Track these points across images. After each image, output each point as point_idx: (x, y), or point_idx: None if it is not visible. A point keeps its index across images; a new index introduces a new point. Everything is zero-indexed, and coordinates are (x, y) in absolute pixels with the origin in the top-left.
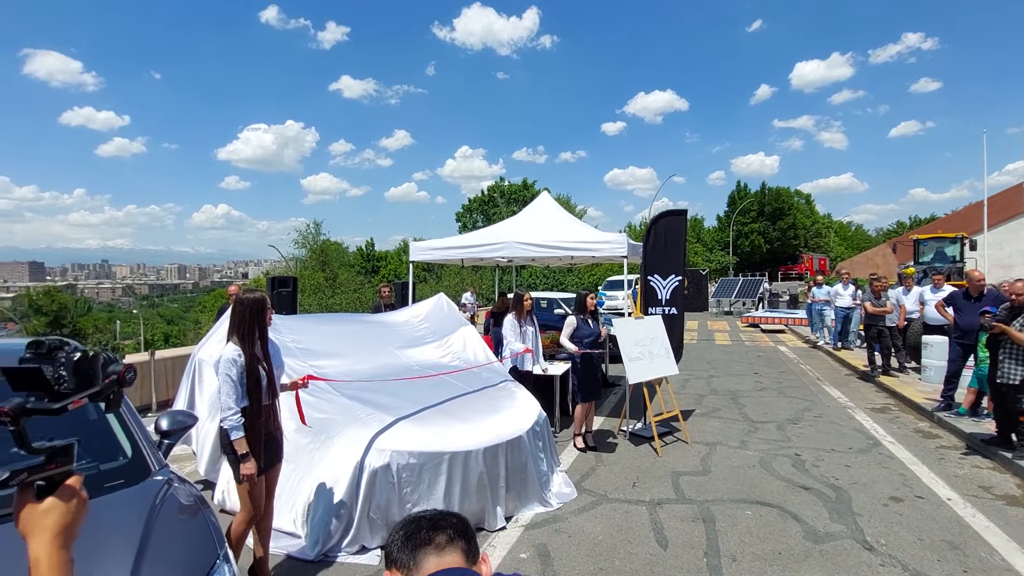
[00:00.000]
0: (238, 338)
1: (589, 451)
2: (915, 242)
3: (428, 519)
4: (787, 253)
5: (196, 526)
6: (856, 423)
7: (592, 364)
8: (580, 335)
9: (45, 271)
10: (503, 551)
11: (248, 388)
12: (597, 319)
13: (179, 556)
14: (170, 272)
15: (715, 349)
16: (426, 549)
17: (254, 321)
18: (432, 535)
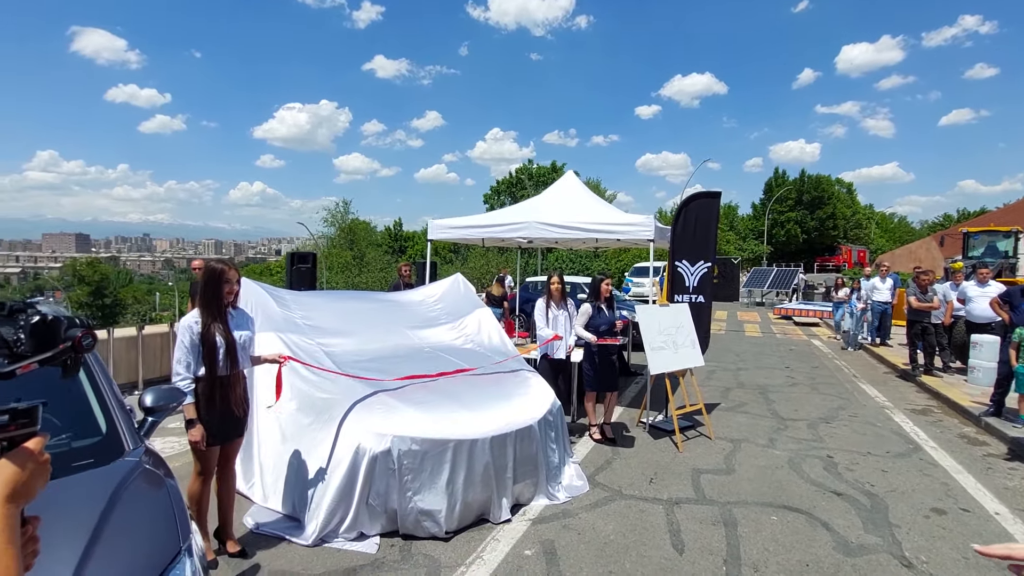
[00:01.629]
0: (200, 305)
1: (606, 443)
2: (965, 235)
3: None
4: (824, 244)
5: (161, 513)
6: (895, 425)
7: (609, 355)
8: (595, 323)
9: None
10: (507, 546)
11: (204, 355)
12: (613, 307)
13: (136, 546)
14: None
15: (744, 341)
16: None
17: (216, 289)
18: None
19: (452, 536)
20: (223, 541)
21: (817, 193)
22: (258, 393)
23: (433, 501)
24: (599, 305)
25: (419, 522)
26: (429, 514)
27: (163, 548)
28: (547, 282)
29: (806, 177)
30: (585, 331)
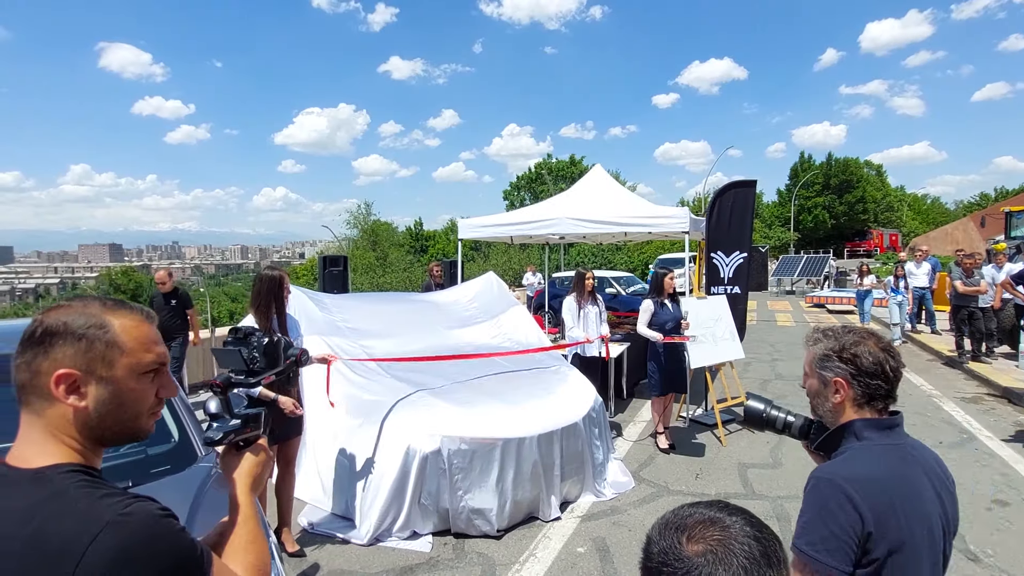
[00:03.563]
0: (255, 311)
1: (672, 452)
2: (1007, 215)
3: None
4: (854, 229)
5: None
6: (945, 414)
7: (678, 354)
8: (659, 320)
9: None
10: (559, 544)
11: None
12: (678, 301)
13: None
14: (234, 252)
15: (777, 331)
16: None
17: (271, 297)
18: None
19: (503, 534)
20: (282, 541)
21: (845, 177)
22: (306, 395)
23: (484, 500)
24: (662, 300)
25: (471, 520)
26: (480, 512)
27: None
28: (578, 278)
29: (833, 161)
30: (649, 329)
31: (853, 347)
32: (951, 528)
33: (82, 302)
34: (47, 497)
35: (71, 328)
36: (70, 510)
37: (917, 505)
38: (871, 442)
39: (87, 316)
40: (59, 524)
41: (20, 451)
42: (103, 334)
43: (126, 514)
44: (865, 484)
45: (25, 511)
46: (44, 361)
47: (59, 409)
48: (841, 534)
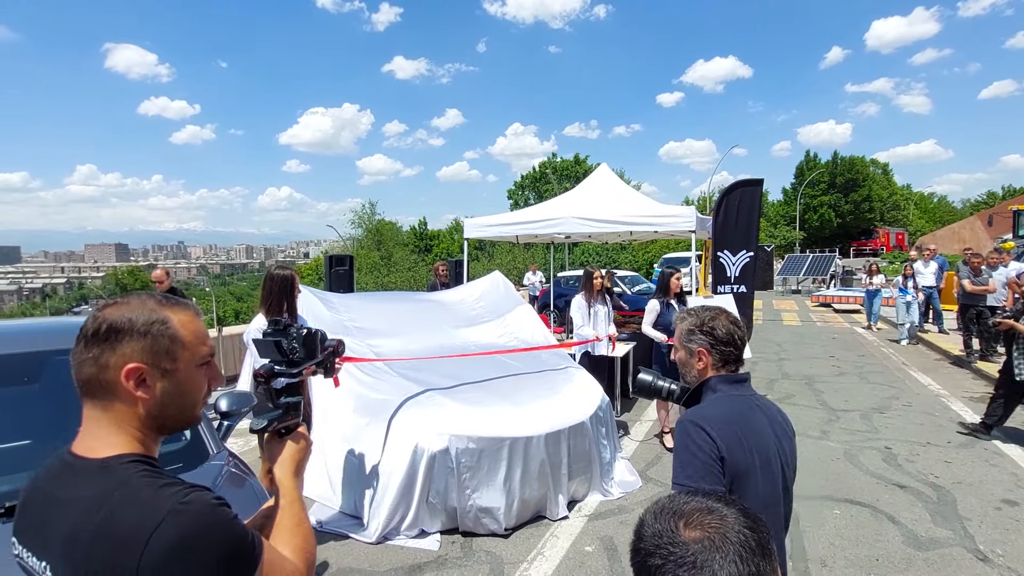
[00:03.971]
0: (266, 311)
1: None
2: (1015, 213)
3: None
4: (860, 228)
5: (249, 513)
6: (953, 413)
7: None
8: (665, 321)
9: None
10: (567, 542)
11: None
12: (685, 301)
13: None
14: (239, 252)
15: (784, 330)
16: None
17: (282, 296)
18: None
19: (511, 533)
20: None
21: (851, 175)
22: (314, 394)
23: (491, 498)
24: (668, 301)
25: (478, 519)
26: (488, 511)
27: None
28: (586, 277)
29: (839, 159)
30: (654, 330)
31: (710, 322)
32: (790, 463)
33: (139, 299)
34: (113, 487)
35: (136, 324)
36: (134, 500)
37: (758, 439)
38: (723, 393)
39: (148, 312)
40: (124, 513)
41: (86, 441)
42: (165, 329)
43: (185, 503)
44: (717, 421)
45: (94, 500)
46: (112, 356)
47: (126, 401)
48: (708, 461)
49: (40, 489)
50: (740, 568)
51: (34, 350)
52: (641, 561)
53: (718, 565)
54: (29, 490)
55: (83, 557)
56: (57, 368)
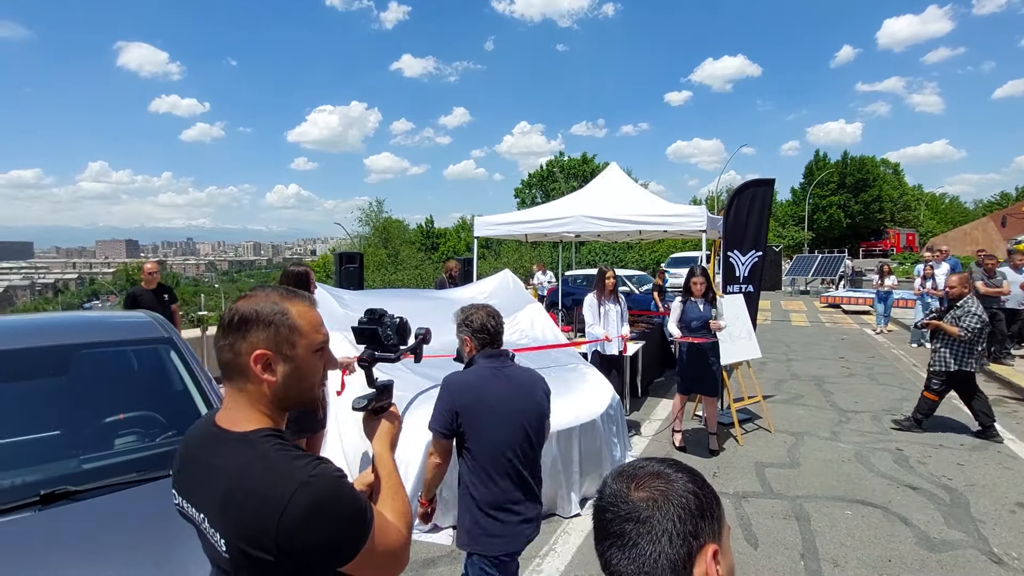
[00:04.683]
0: None
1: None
2: None
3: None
4: (870, 228)
5: None
6: (965, 416)
7: (701, 354)
8: (686, 319)
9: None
10: (578, 539)
11: None
12: (714, 302)
13: None
14: (247, 249)
15: (792, 331)
16: None
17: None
18: None
19: None
20: None
21: (861, 175)
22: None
23: None
24: (691, 299)
25: None
26: None
27: None
28: (599, 276)
29: (848, 159)
30: (674, 327)
31: (471, 316)
32: (530, 414)
33: (264, 292)
34: (255, 458)
35: (261, 315)
36: (272, 470)
37: (495, 396)
38: (479, 365)
39: (272, 305)
40: (266, 482)
41: (228, 415)
42: (286, 319)
43: (315, 475)
44: (458, 385)
45: (240, 468)
46: (243, 343)
47: (255, 383)
48: (445, 412)
49: (192, 453)
50: (677, 525)
51: (61, 343)
52: (598, 516)
53: (657, 520)
54: (183, 452)
55: (235, 516)
56: (83, 361)
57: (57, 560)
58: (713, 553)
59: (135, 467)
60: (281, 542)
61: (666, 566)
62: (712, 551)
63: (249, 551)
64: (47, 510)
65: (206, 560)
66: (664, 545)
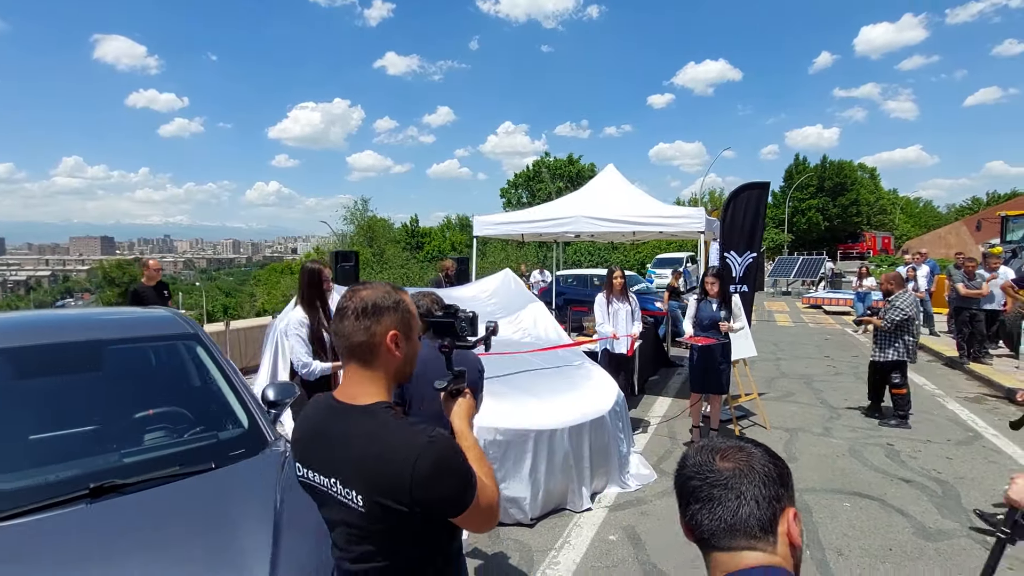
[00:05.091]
0: (303, 304)
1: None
2: (1003, 219)
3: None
4: (847, 231)
5: None
6: (949, 413)
7: (710, 353)
8: (698, 318)
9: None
10: (591, 532)
11: (313, 351)
12: (726, 302)
13: (312, 527)
14: (225, 247)
15: (778, 330)
16: None
17: (311, 288)
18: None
19: (536, 523)
20: None
21: (839, 179)
22: None
23: (517, 489)
24: (706, 299)
25: (505, 509)
26: (514, 501)
27: None
28: (608, 276)
29: (827, 163)
30: (689, 327)
31: (419, 301)
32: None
33: (382, 285)
34: (379, 426)
35: (389, 303)
36: (397, 435)
37: (433, 373)
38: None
39: (393, 294)
40: (395, 445)
41: (348, 391)
42: (406, 306)
43: (433, 438)
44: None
45: (369, 435)
46: (378, 326)
47: (383, 360)
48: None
49: (317, 427)
50: (762, 491)
51: (90, 339)
52: (683, 483)
53: (745, 487)
54: (306, 428)
55: (371, 476)
56: (112, 357)
57: (119, 551)
58: (794, 515)
59: (177, 461)
60: (415, 495)
61: (755, 525)
62: (793, 513)
63: (387, 503)
64: (98, 503)
65: (261, 548)
66: (753, 507)
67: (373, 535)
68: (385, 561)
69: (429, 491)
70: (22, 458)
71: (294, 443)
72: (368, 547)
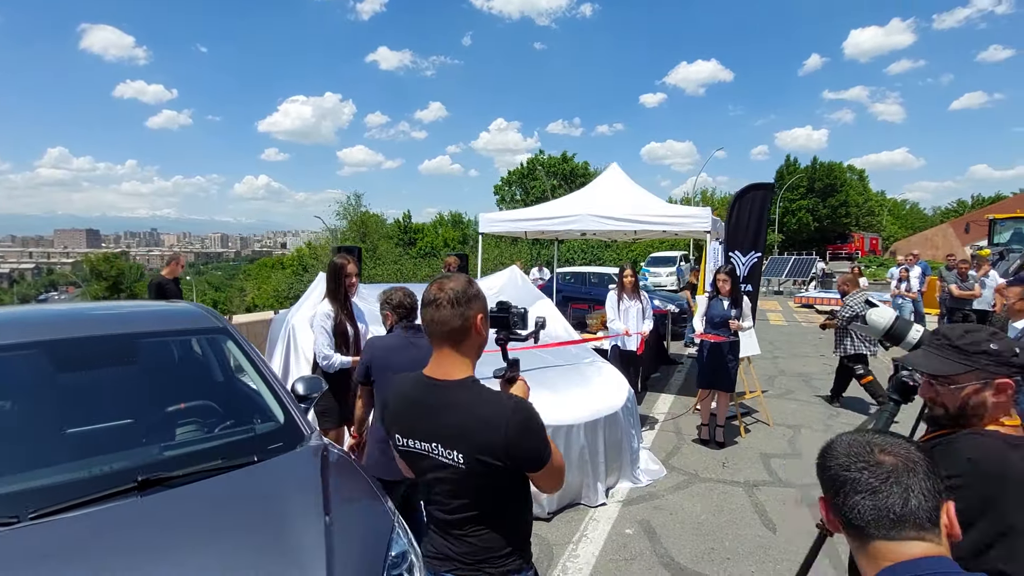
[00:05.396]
0: (330, 298)
1: (714, 446)
2: (991, 221)
3: None
4: (836, 232)
5: (366, 491)
6: None
7: (718, 351)
8: (709, 315)
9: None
10: (607, 526)
11: (336, 344)
12: (738, 300)
13: (360, 519)
14: (214, 241)
15: (772, 329)
16: None
17: (335, 281)
18: None
19: (553, 517)
20: None
21: (829, 180)
22: None
23: None
24: (717, 297)
25: None
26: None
27: (381, 521)
28: (619, 274)
29: (818, 164)
30: (699, 324)
31: (391, 297)
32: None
33: (463, 276)
34: (475, 396)
35: (472, 291)
36: (491, 402)
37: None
38: (395, 334)
39: (474, 284)
40: (489, 411)
41: (441, 369)
42: (483, 294)
43: (517, 402)
44: (372, 347)
45: (467, 404)
46: (470, 312)
47: (472, 341)
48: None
49: (416, 401)
50: (927, 484)
51: (122, 332)
52: (835, 474)
53: (911, 480)
54: (405, 403)
55: (472, 437)
56: (144, 350)
57: (180, 544)
58: (952, 507)
59: (220, 454)
60: (510, 451)
61: (924, 517)
62: (951, 505)
63: (485, 459)
64: (149, 496)
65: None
66: (921, 500)
67: (470, 489)
68: (477, 511)
69: (518, 448)
70: (64, 451)
71: (393, 417)
72: (464, 500)
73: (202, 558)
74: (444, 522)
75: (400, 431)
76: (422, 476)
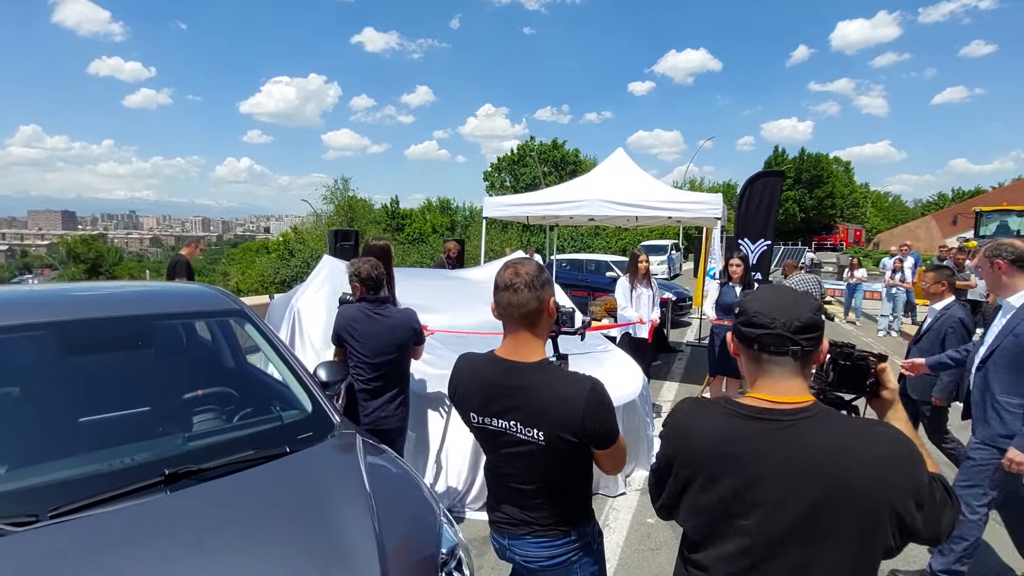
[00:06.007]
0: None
1: None
2: (977, 214)
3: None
4: (821, 223)
5: (408, 481)
6: None
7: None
8: (720, 302)
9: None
10: (628, 515)
11: None
12: (750, 287)
13: (407, 515)
14: (195, 224)
15: None
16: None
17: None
18: None
19: None
20: None
21: (816, 172)
22: None
23: None
24: (729, 284)
25: None
26: None
27: (427, 513)
28: (632, 260)
29: (805, 155)
30: (711, 310)
31: (360, 267)
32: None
33: (531, 260)
34: (552, 376)
35: (545, 275)
36: (570, 383)
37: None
38: (361, 304)
39: (543, 268)
40: (568, 391)
41: (517, 352)
42: (551, 278)
43: (593, 382)
44: (341, 316)
45: (545, 384)
46: (544, 294)
47: (544, 322)
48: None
49: (493, 382)
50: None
51: (135, 314)
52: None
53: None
54: (481, 384)
55: (552, 414)
56: (158, 333)
57: (223, 544)
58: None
59: (250, 445)
60: (586, 426)
61: None
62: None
63: (565, 436)
64: (179, 490)
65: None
66: None
67: (548, 463)
68: (553, 480)
69: (594, 424)
70: (80, 442)
71: (467, 397)
72: (542, 471)
73: (246, 562)
74: (520, 492)
75: (476, 410)
76: (497, 450)
